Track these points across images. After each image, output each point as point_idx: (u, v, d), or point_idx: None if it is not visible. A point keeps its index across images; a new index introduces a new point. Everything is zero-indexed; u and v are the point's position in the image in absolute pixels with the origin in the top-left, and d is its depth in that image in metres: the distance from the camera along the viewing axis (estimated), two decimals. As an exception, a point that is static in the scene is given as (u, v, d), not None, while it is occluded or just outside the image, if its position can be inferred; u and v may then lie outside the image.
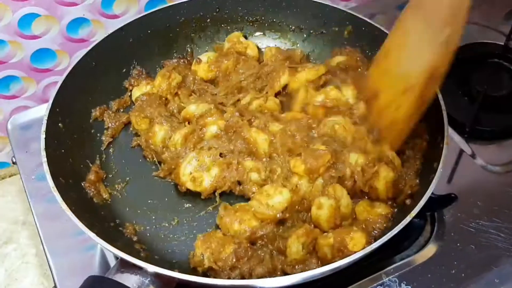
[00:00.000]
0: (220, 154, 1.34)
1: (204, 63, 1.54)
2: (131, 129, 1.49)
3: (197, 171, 1.31)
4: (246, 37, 1.67)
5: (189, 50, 1.66)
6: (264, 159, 1.32)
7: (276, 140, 1.31)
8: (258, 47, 1.64)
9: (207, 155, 1.32)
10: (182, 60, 1.62)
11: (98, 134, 1.46)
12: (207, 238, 1.21)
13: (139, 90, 1.52)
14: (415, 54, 1.20)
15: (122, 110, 1.53)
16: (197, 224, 1.32)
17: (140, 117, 1.44)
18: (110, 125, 1.47)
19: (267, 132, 1.33)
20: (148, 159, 1.43)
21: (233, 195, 1.34)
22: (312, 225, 1.23)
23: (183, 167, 1.31)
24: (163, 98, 1.50)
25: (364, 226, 1.20)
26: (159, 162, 1.41)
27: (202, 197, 1.33)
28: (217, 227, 1.28)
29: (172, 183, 1.38)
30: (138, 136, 1.47)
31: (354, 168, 1.25)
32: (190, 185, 1.32)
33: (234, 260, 1.16)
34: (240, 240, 1.19)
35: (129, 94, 1.56)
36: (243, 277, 1.14)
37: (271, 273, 1.14)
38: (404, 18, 1.22)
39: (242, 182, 1.32)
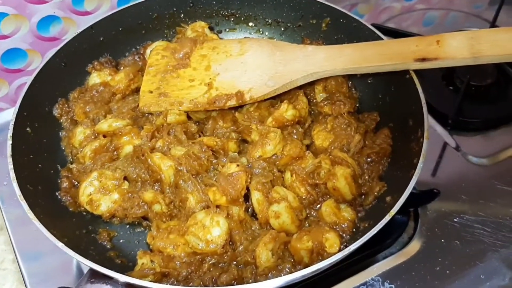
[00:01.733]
0: (126, 178, 1.28)
1: (122, 77, 1.47)
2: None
3: (97, 193, 1.24)
4: (212, 29, 1.63)
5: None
6: (168, 188, 1.24)
7: (182, 165, 1.24)
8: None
9: (110, 178, 1.25)
10: (137, 56, 1.57)
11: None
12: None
13: (99, 76, 1.48)
14: None
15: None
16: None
17: (82, 110, 1.40)
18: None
19: (170, 157, 1.25)
20: (65, 153, 1.39)
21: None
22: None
23: (84, 186, 1.25)
24: (115, 95, 1.45)
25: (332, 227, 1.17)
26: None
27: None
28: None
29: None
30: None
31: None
32: (87, 207, 1.25)
33: (185, 272, 1.13)
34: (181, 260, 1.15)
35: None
36: (206, 286, 1.11)
37: (239, 281, 1.11)
38: None
39: (147, 217, 1.26)
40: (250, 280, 1.11)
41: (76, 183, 1.30)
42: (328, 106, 1.38)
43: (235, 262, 1.15)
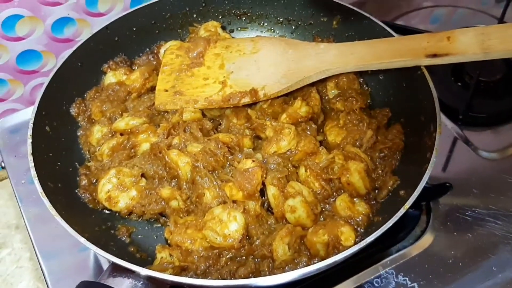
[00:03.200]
0: (143, 175, 1.30)
1: (137, 76, 1.49)
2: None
3: (115, 190, 1.27)
4: (224, 28, 1.65)
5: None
6: (185, 184, 1.26)
7: (199, 161, 1.25)
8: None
9: (128, 175, 1.28)
10: (151, 56, 1.60)
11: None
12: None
13: (114, 76, 1.50)
14: None
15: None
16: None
17: (98, 109, 1.42)
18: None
19: (187, 154, 1.27)
20: (83, 151, 1.41)
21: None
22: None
23: (102, 184, 1.27)
24: (131, 94, 1.48)
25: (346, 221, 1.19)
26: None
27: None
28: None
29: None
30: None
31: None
32: (106, 204, 1.27)
33: (204, 266, 1.15)
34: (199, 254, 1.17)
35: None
36: (224, 279, 1.13)
37: (256, 274, 1.13)
38: None
39: (164, 213, 1.28)
40: (267, 273, 1.13)
41: (95, 180, 1.33)
42: (340, 102, 1.40)
43: (252, 256, 1.17)
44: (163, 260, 1.16)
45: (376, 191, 1.27)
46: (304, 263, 1.13)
